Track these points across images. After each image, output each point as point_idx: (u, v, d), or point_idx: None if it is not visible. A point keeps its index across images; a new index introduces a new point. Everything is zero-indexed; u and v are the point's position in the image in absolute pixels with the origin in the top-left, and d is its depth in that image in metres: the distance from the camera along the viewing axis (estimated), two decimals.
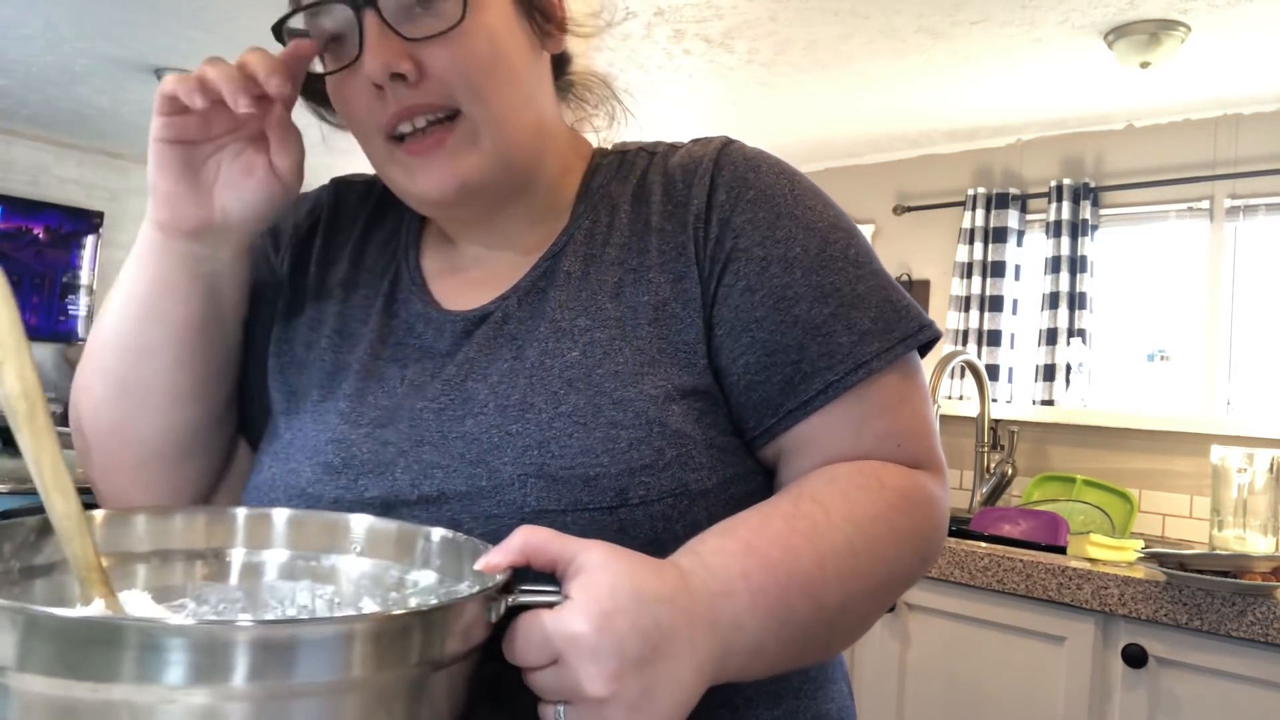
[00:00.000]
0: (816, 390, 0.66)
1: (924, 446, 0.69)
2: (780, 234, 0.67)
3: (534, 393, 0.65)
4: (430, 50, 0.64)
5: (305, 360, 0.75)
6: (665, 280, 0.67)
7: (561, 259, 0.71)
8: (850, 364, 0.65)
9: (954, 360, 2.57)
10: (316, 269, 0.79)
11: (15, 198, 5.06)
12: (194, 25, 3.26)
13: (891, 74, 3.17)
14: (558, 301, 0.69)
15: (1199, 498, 2.49)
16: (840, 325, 0.66)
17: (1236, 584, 1.54)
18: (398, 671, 0.44)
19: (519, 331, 0.69)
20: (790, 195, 0.69)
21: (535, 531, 0.53)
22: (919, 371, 0.70)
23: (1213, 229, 3.21)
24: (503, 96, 0.66)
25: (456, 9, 0.64)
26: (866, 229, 4.14)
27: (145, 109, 4.40)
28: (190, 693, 0.39)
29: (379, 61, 0.63)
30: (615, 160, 0.76)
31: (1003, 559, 1.80)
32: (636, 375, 0.65)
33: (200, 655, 0.39)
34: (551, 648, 0.49)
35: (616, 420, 0.63)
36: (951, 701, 1.86)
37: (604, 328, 0.66)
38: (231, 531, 0.63)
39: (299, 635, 0.41)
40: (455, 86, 0.65)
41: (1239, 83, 2.95)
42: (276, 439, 0.73)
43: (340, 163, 0.96)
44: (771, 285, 0.66)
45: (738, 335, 0.66)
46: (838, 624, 0.62)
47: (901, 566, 0.65)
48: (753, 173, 0.70)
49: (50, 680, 0.39)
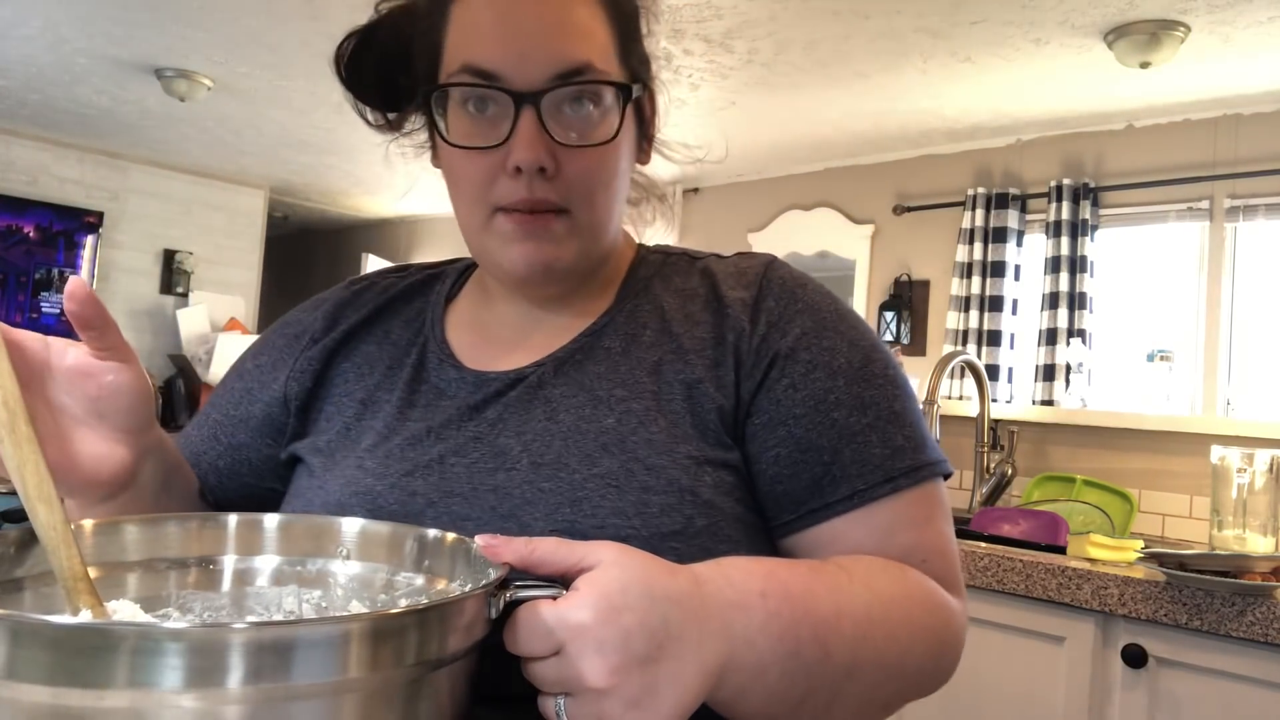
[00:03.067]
0: (843, 495, 0.68)
1: (949, 567, 0.71)
2: (826, 343, 0.71)
3: (568, 453, 0.67)
4: (568, 154, 0.68)
5: (327, 430, 0.76)
6: (701, 363, 0.70)
7: (602, 336, 0.74)
8: (880, 476, 0.68)
9: (954, 360, 2.57)
10: (342, 360, 0.80)
11: (8, 196, 5.06)
12: (194, 25, 3.26)
13: (891, 74, 3.17)
14: (595, 374, 0.72)
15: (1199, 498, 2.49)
16: (876, 437, 0.68)
17: (1236, 584, 1.54)
18: (394, 671, 0.44)
19: (554, 396, 0.71)
20: (835, 312, 0.73)
21: (542, 541, 0.53)
22: (945, 497, 0.72)
23: (1212, 229, 3.21)
24: (606, 208, 0.72)
25: (608, 126, 0.69)
26: (866, 229, 4.15)
27: (145, 109, 4.40)
28: (185, 697, 0.39)
29: (533, 156, 0.66)
30: (659, 258, 0.81)
31: (1003, 559, 1.80)
32: (670, 444, 0.67)
33: (194, 659, 0.39)
34: (554, 638, 0.49)
35: (649, 485, 0.65)
36: (951, 701, 1.86)
37: (640, 399, 0.69)
38: (222, 538, 0.62)
39: (293, 636, 0.41)
40: (579, 191, 0.70)
41: (1239, 83, 2.95)
42: (299, 496, 0.74)
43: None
44: (814, 387, 0.69)
45: (774, 427, 0.69)
46: (841, 690, 0.61)
47: (913, 658, 0.65)
48: (800, 288, 0.74)
49: (41, 689, 0.39)
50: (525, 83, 0.66)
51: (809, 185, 4.38)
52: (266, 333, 0.86)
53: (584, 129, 0.68)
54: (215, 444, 0.81)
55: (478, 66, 0.67)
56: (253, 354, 0.84)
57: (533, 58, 0.66)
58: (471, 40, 0.68)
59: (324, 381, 0.79)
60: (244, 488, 0.81)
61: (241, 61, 3.61)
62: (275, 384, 0.80)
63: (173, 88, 3.85)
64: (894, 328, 3.95)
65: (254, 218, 6.08)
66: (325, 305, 0.84)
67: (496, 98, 0.67)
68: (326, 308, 0.83)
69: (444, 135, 0.70)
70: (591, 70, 0.67)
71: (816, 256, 4.30)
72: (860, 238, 4.17)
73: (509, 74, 0.67)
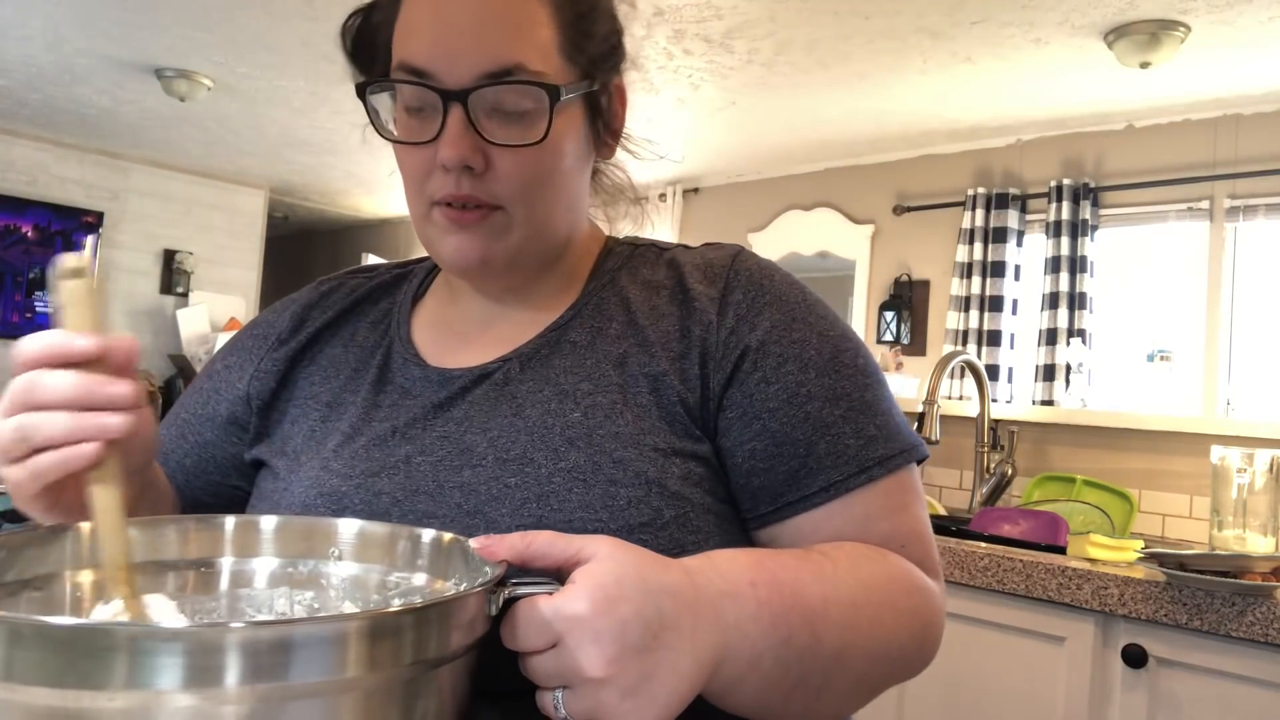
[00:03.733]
0: (819, 487, 0.68)
1: (926, 551, 0.72)
2: (796, 335, 0.71)
3: (534, 448, 0.67)
4: (501, 151, 0.68)
5: (293, 434, 0.77)
6: (666, 356, 0.70)
7: (568, 330, 0.74)
8: (855, 467, 0.68)
9: (954, 360, 2.57)
10: (307, 363, 0.80)
11: (8, 196, 5.06)
12: (194, 25, 3.26)
13: (891, 74, 3.17)
14: (562, 367, 0.72)
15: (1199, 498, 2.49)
16: (849, 428, 0.69)
17: (1236, 584, 1.54)
18: (394, 670, 0.44)
19: (520, 392, 0.71)
20: (803, 303, 0.73)
21: (537, 536, 0.53)
22: (919, 482, 0.73)
23: (1212, 229, 3.21)
24: (546, 205, 0.72)
25: (539, 126, 0.68)
26: (866, 229, 4.14)
27: (145, 109, 4.40)
28: (184, 697, 0.39)
29: (456, 154, 0.67)
30: (627, 250, 0.81)
31: (1003, 559, 1.80)
32: (636, 437, 0.67)
33: (192, 659, 0.39)
34: (552, 630, 0.49)
35: (616, 478, 0.65)
36: (951, 701, 1.86)
37: (606, 393, 0.69)
38: (219, 541, 0.63)
39: (290, 635, 0.40)
40: (511, 189, 0.69)
41: (1239, 83, 2.95)
42: (264, 499, 0.75)
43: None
44: (786, 381, 0.69)
45: (749, 421, 0.69)
46: (831, 676, 0.62)
47: (897, 643, 0.65)
48: (768, 279, 0.74)
49: (39, 690, 0.39)
50: (454, 81, 0.67)
51: (809, 185, 4.38)
52: (237, 333, 0.87)
53: (515, 128, 0.68)
54: (183, 442, 0.82)
55: (410, 64, 0.68)
56: (222, 354, 0.86)
57: (462, 56, 0.67)
58: (409, 37, 0.69)
59: (287, 384, 0.80)
60: (210, 485, 0.81)
61: (241, 61, 3.61)
62: (240, 383, 0.81)
63: (173, 88, 3.85)
64: (894, 328, 3.95)
65: (254, 218, 6.08)
66: (293, 306, 0.85)
67: (427, 95, 0.68)
68: (294, 309, 0.84)
69: (378, 129, 0.72)
70: (522, 70, 0.67)
71: (816, 256, 4.30)
72: (860, 238, 4.17)
73: (439, 72, 0.67)
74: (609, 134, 0.78)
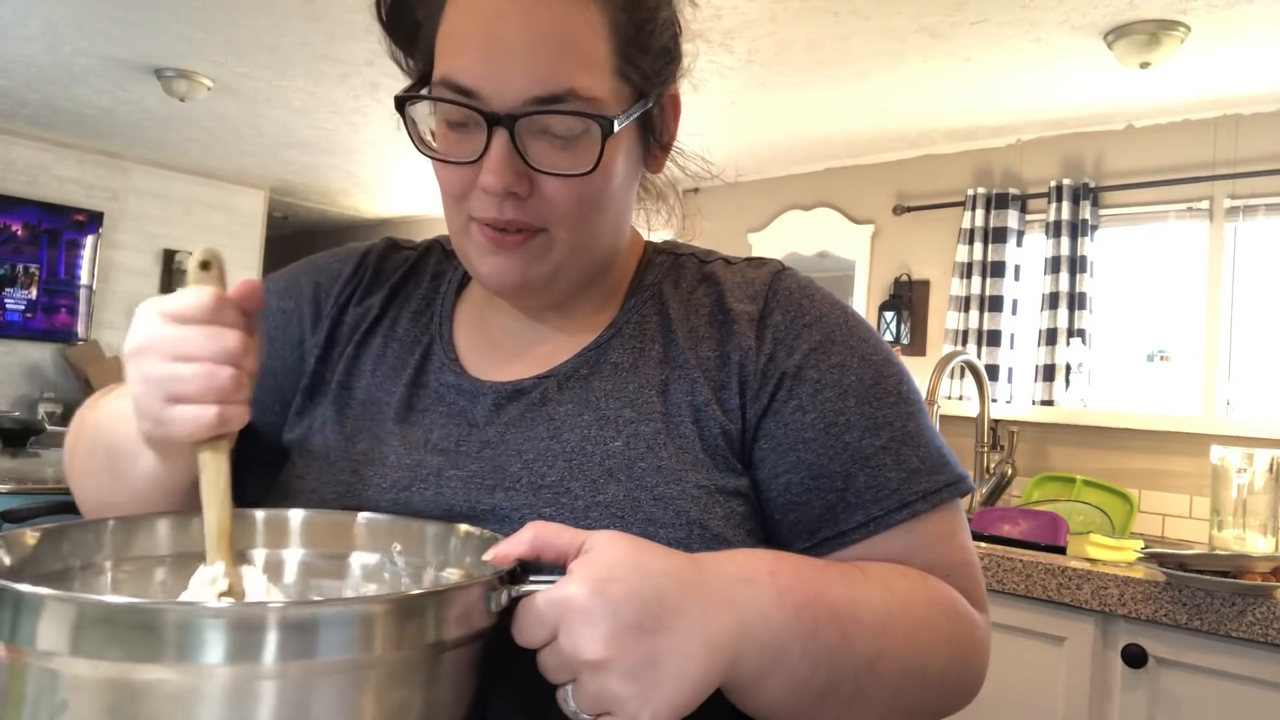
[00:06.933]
0: (858, 522, 0.65)
1: (974, 582, 0.69)
2: (835, 360, 0.68)
3: (571, 477, 0.65)
4: (547, 178, 0.64)
5: (324, 430, 0.74)
6: (707, 385, 0.68)
7: (609, 350, 0.71)
8: (896, 502, 0.65)
9: (954, 360, 2.57)
10: (349, 344, 0.77)
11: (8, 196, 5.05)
12: (194, 25, 3.26)
13: (891, 74, 3.17)
14: (603, 390, 0.69)
15: (1199, 498, 2.49)
16: (890, 459, 0.66)
17: (1236, 584, 1.54)
18: (404, 652, 0.46)
19: (558, 414, 0.68)
20: (844, 325, 0.70)
21: (546, 526, 0.54)
22: (964, 515, 0.70)
23: (1212, 229, 3.21)
24: (591, 227, 0.68)
25: (589, 154, 0.64)
26: (866, 229, 4.15)
27: (145, 109, 4.40)
28: (224, 671, 0.42)
29: (500, 181, 0.63)
30: (668, 260, 0.77)
31: (1003, 559, 1.80)
32: (679, 472, 0.64)
33: (234, 635, 0.42)
34: (549, 619, 0.50)
35: (655, 517, 0.63)
36: None
37: (649, 421, 0.66)
38: (251, 533, 0.65)
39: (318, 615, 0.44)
40: (557, 214, 0.66)
41: (1239, 83, 2.95)
42: (287, 496, 0.72)
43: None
44: (824, 409, 0.66)
45: (784, 453, 0.66)
46: (865, 683, 0.59)
47: (935, 662, 0.62)
48: (808, 299, 0.71)
49: (97, 663, 0.42)
50: (501, 104, 0.62)
51: (809, 185, 4.38)
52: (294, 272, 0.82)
53: (563, 155, 0.64)
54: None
55: (455, 81, 0.63)
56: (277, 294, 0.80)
57: (511, 78, 0.62)
58: (455, 51, 0.64)
59: (328, 361, 0.77)
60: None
61: (241, 61, 3.61)
62: (297, 350, 0.78)
63: (173, 88, 3.85)
64: (894, 328, 3.95)
65: (254, 218, 6.08)
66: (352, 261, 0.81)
67: (472, 115, 0.64)
68: (352, 264, 0.81)
69: (416, 144, 0.68)
70: (573, 96, 0.62)
71: (816, 257, 4.30)
72: (860, 238, 4.17)
73: (485, 93, 0.62)
74: (659, 147, 0.74)
